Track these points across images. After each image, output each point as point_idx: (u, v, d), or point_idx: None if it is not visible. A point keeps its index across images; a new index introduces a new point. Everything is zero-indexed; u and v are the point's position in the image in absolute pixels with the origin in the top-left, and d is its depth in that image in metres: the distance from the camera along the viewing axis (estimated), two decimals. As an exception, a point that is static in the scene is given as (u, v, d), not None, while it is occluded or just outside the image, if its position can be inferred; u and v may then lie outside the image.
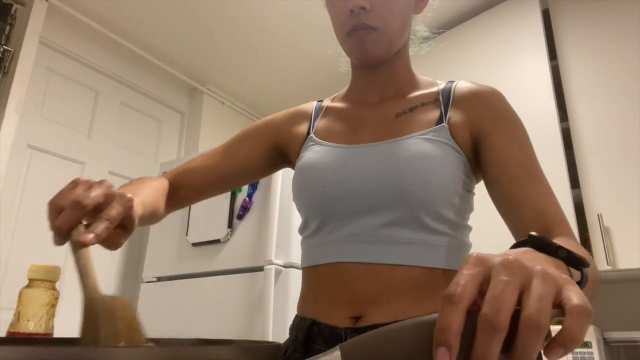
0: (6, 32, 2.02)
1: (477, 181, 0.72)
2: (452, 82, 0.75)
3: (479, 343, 0.28)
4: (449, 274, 0.64)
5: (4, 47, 1.98)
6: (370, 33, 0.68)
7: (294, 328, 0.71)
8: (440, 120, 0.68)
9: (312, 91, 2.88)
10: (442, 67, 2.18)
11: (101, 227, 0.46)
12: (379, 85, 0.76)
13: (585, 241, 1.69)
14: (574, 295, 0.29)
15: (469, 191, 0.70)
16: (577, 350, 1.50)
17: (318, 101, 0.84)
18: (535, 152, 0.66)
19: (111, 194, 0.50)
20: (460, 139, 0.67)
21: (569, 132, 1.81)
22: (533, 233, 0.36)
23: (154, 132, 2.69)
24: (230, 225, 1.92)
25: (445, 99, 0.71)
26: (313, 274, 0.70)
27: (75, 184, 0.50)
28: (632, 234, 1.58)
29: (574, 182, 1.74)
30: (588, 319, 0.28)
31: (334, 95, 0.85)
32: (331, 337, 0.64)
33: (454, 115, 0.69)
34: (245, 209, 1.90)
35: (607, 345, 1.62)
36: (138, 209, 0.56)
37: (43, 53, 2.15)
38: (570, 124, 1.82)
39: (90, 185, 0.49)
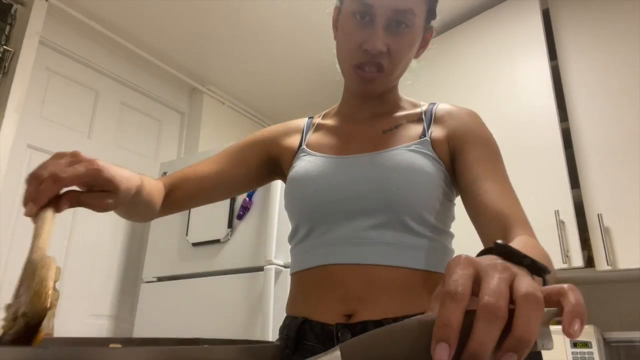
0: (6, 32, 2.02)
1: (457, 193, 0.76)
2: (433, 104, 0.81)
3: (477, 332, 0.29)
4: (432, 276, 0.68)
5: (4, 47, 1.98)
6: (377, 74, 0.73)
7: (285, 328, 0.74)
8: (423, 135, 0.75)
9: (312, 91, 2.88)
10: (442, 68, 2.19)
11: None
12: (370, 107, 0.82)
13: (585, 241, 1.69)
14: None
15: (450, 200, 0.75)
16: (577, 350, 1.50)
17: (309, 118, 0.89)
18: (504, 166, 0.71)
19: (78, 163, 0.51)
20: (440, 151, 0.73)
21: (569, 132, 1.81)
22: (499, 241, 0.37)
23: (154, 132, 2.69)
24: (230, 225, 1.92)
25: (428, 118, 0.78)
26: (303, 277, 0.73)
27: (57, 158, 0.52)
28: (632, 234, 1.58)
29: (574, 182, 1.74)
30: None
31: (324, 112, 0.89)
32: (322, 333, 0.66)
33: (435, 130, 0.75)
34: (245, 209, 1.90)
35: (607, 345, 1.62)
36: (129, 180, 0.58)
37: (43, 53, 2.15)
38: (570, 124, 1.82)
39: (67, 161, 0.51)
